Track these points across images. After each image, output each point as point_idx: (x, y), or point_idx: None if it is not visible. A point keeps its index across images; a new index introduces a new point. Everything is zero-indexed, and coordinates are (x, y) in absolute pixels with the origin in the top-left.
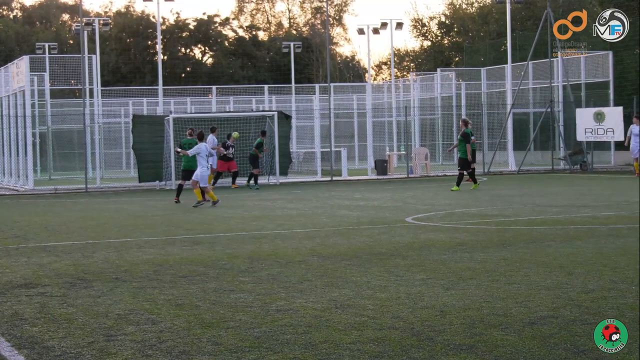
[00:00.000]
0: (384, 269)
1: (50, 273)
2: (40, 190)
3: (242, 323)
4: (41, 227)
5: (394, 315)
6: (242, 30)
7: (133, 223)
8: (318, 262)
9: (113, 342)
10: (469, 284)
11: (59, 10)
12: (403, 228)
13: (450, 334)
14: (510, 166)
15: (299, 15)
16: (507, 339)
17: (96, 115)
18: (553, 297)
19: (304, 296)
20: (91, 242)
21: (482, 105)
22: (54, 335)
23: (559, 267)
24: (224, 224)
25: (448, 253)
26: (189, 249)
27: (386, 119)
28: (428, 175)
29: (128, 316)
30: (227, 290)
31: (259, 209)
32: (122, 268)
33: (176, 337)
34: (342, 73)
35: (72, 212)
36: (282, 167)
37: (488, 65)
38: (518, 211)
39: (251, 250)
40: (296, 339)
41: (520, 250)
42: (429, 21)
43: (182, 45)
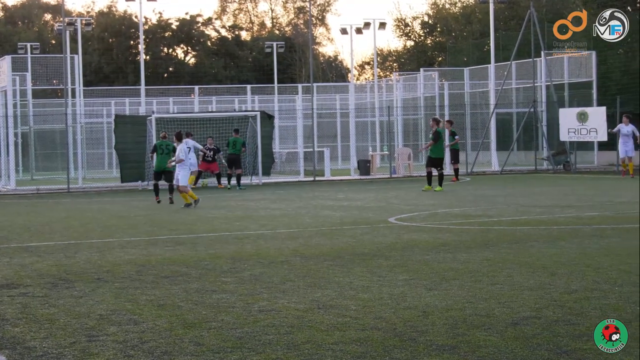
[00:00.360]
0: (367, 270)
1: (32, 273)
2: (22, 191)
3: (224, 323)
4: (23, 228)
5: (377, 316)
6: (224, 30)
7: (115, 223)
8: (301, 262)
9: (95, 342)
10: (452, 284)
11: (41, 10)
12: (386, 228)
13: (433, 335)
14: (494, 166)
15: (281, 15)
16: (490, 339)
17: (78, 115)
18: (536, 297)
19: (287, 296)
20: (73, 242)
21: (465, 105)
22: (36, 336)
23: (542, 268)
24: (207, 224)
25: (431, 253)
26: (172, 249)
27: (369, 119)
28: (411, 175)
29: (110, 316)
30: (210, 290)
31: (242, 209)
32: (104, 268)
33: (158, 338)
34: (325, 73)
35: (54, 213)
36: (265, 167)
37: (471, 65)
38: (501, 211)
39: (234, 250)
40: (279, 340)
41: (503, 250)
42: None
43: (165, 45)
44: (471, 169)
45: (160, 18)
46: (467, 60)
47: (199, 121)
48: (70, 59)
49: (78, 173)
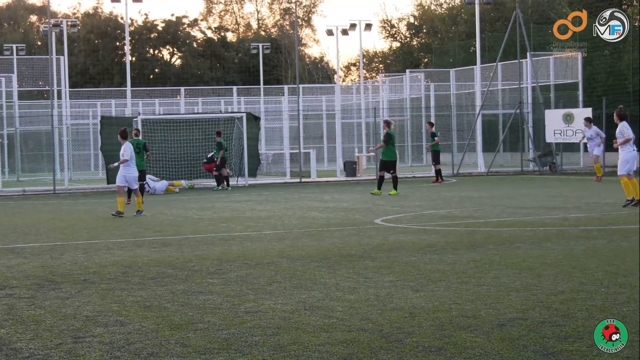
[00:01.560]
0: (353, 271)
1: (18, 275)
2: (8, 192)
3: (210, 325)
4: (9, 229)
5: (363, 317)
6: (210, 31)
7: (102, 225)
8: (287, 263)
9: (81, 343)
10: (438, 285)
11: (26, 12)
12: (372, 230)
13: (420, 336)
14: (480, 168)
15: (267, 17)
16: (476, 340)
17: (64, 117)
18: (522, 298)
19: (273, 298)
20: (60, 243)
21: (451, 107)
22: (22, 337)
23: (528, 269)
24: (193, 226)
25: (417, 255)
26: (158, 250)
27: (355, 120)
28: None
29: (96, 318)
30: (196, 291)
31: (228, 210)
32: (90, 270)
33: (144, 339)
34: (311, 74)
35: (40, 214)
36: (251, 168)
37: (457, 66)
38: (487, 213)
39: (220, 251)
40: (265, 341)
41: (489, 252)
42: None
43: (151, 46)
44: (457, 170)
45: (146, 19)
46: (453, 61)
47: (185, 122)
48: (56, 60)
49: (64, 174)
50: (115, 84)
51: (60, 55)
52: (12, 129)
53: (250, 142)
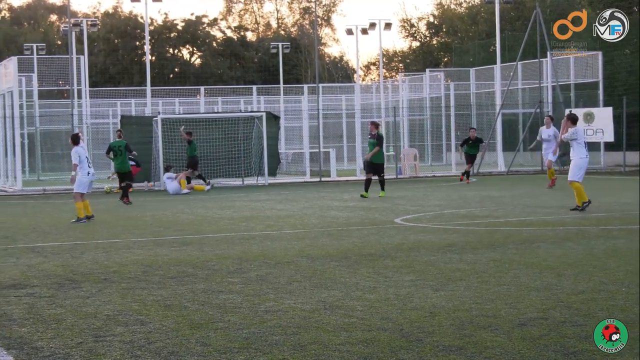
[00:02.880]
0: (373, 270)
1: (39, 274)
2: (28, 191)
3: (231, 324)
4: (30, 228)
5: (383, 317)
6: (230, 30)
7: (122, 224)
8: (307, 263)
9: (102, 342)
10: (459, 285)
11: (47, 11)
12: (392, 229)
13: (440, 335)
14: (500, 167)
15: (287, 16)
16: (497, 340)
17: (84, 116)
18: (543, 298)
19: (293, 297)
20: (80, 242)
21: (471, 106)
22: (43, 336)
23: (549, 269)
24: (213, 225)
25: (437, 254)
26: (178, 249)
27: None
28: (417, 176)
29: (117, 317)
30: (216, 291)
31: (248, 209)
32: (110, 269)
33: (165, 338)
34: (330, 73)
35: (61, 213)
36: (271, 168)
37: (477, 65)
38: (508, 212)
39: (240, 251)
40: (285, 340)
41: (510, 251)
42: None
43: (170, 45)
44: (477, 169)
45: (166, 19)
46: (473, 60)
47: (205, 122)
48: (76, 60)
49: None
50: (135, 83)
51: (80, 54)
52: (33, 128)
53: (270, 142)
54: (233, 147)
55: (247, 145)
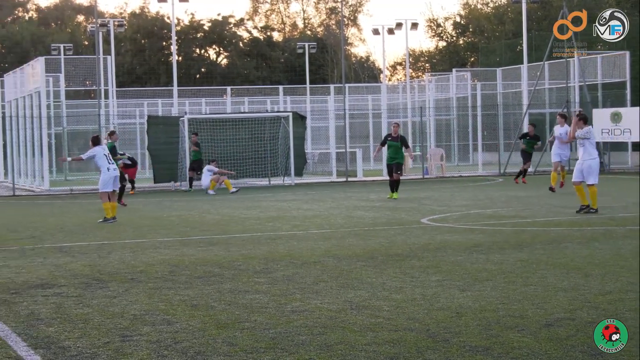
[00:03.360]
0: (400, 270)
1: (66, 273)
2: (56, 191)
3: (257, 324)
4: (57, 228)
5: (410, 317)
6: (256, 31)
7: (148, 224)
8: (333, 263)
9: (129, 342)
10: (485, 285)
11: (74, 12)
12: (419, 229)
13: (466, 336)
14: None
15: (313, 16)
16: (524, 340)
17: (111, 116)
18: (570, 298)
19: (320, 297)
20: (107, 242)
21: (498, 106)
22: (70, 336)
23: (576, 269)
24: (239, 225)
25: (464, 254)
26: (205, 249)
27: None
28: (443, 176)
29: (144, 317)
30: (243, 291)
31: (274, 209)
32: (137, 269)
33: (191, 338)
34: (357, 73)
35: (87, 213)
36: (298, 168)
37: (504, 65)
38: (534, 212)
39: (267, 251)
40: (312, 340)
41: (536, 251)
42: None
43: (197, 46)
44: (504, 169)
45: (193, 19)
46: (500, 60)
47: (232, 122)
48: (103, 60)
49: None
50: (162, 83)
51: (107, 54)
52: (60, 128)
53: (297, 142)
54: (259, 147)
55: (274, 145)
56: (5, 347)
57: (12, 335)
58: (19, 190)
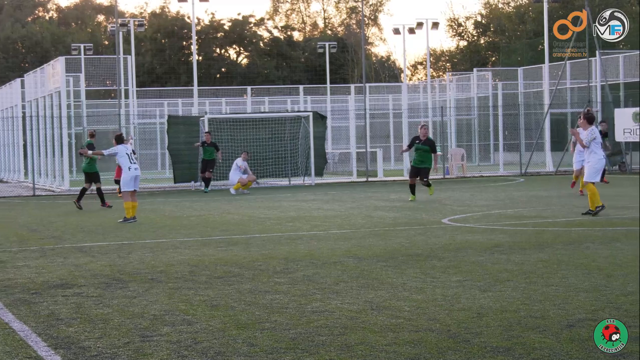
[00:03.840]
0: (420, 271)
1: (86, 273)
2: (76, 191)
3: (277, 324)
4: (77, 228)
5: (430, 317)
6: (277, 30)
7: (169, 223)
8: (354, 263)
9: (149, 342)
10: (506, 285)
11: (94, 11)
12: (439, 229)
13: (487, 337)
14: (548, 167)
15: (334, 16)
16: (545, 341)
17: (131, 116)
18: (591, 299)
19: (340, 297)
20: (127, 242)
21: (519, 106)
22: (90, 336)
23: (598, 269)
24: (259, 225)
25: (485, 254)
26: (225, 249)
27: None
28: (464, 176)
29: (164, 317)
30: (263, 291)
31: (294, 209)
32: (157, 269)
33: (212, 338)
34: (377, 73)
35: (108, 213)
36: (318, 167)
37: (525, 65)
38: (556, 212)
39: (287, 251)
40: (332, 341)
41: (558, 251)
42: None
43: (217, 45)
44: (525, 169)
45: (213, 19)
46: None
47: (252, 122)
48: (123, 60)
49: None
50: (182, 83)
51: (127, 54)
52: (80, 128)
53: (317, 141)
54: (280, 147)
55: (294, 145)
56: (25, 347)
57: (32, 335)
58: (39, 190)
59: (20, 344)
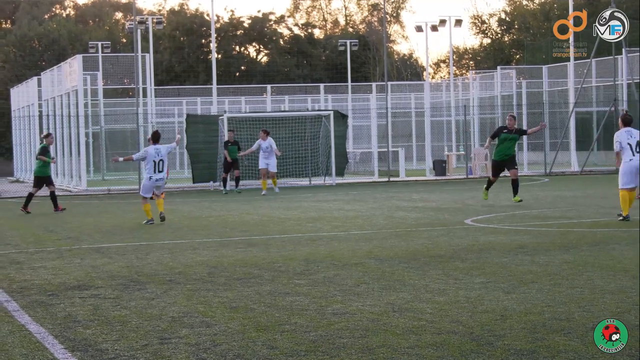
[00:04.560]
0: (443, 272)
1: (103, 275)
2: (93, 191)
3: (297, 326)
4: (94, 229)
5: (453, 320)
6: (297, 28)
7: (187, 224)
8: (375, 264)
9: (167, 345)
10: (530, 287)
11: (112, 9)
12: (462, 230)
13: (511, 339)
14: (573, 166)
15: (355, 13)
16: (570, 344)
17: (149, 115)
18: (617, 301)
19: (361, 299)
20: (145, 243)
21: (544, 104)
22: (108, 338)
23: (624, 271)
24: (279, 226)
25: (509, 256)
26: (244, 250)
27: (445, 118)
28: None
29: (182, 319)
30: (283, 293)
31: (315, 210)
32: (176, 270)
33: (231, 341)
34: (399, 71)
35: (125, 213)
36: (339, 167)
37: (550, 63)
38: (581, 213)
39: (307, 252)
40: (353, 343)
41: (583, 253)
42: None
43: (237, 43)
44: (550, 169)
45: (232, 16)
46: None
47: (272, 121)
48: (141, 58)
49: None
50: (201, 81)
51: (146, 52)
52: (98, 127)
53: (338, 141)
54: (300, 147)
55: (315, 144)
56: (42, 350)
57: (49, 337)
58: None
59: (37, 346)
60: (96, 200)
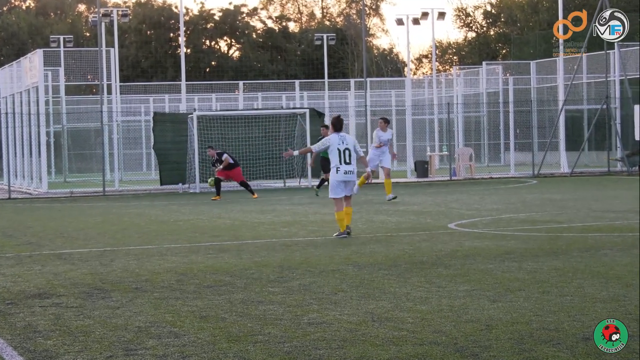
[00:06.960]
0: (425, 279)
1: (65, 282)
2: (55, 194)
3: (271, 337)
4: (56, 233)
5: (436, 330)
6: (271, 21)
7: (155, 229)
8: (353, 271)
9: (133, 356)
10: (518, 295)
11: (74, 1)
12: (446, 235)
13: (497, 350)
14: (563, 168)
15: (332, 5)
16: (559, 355)
17: (114, 113)
18: (609, 310)
19: (338, 308)
20: (110, 249)
21: (532, 102)
22: (70, 349)
23: (616, 278)
24: (252, 230)
25: (495, 262)
26: (215, 256)
27: (427, 116)
28: (472, 177)
29: (149, 329)
30: (256, 301)
31: (290, 213)
32: (142, 277)
33: (201, 352)
34: (379, 67)
35: (89, 217)
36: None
37: (538, 58)
38: (571, 217)
39: (281, 258)
40: (330, 354)
41: (573, 259)
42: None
43: (207, 37)
44: (538, 170)
45: (202, 8)
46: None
47: (244, 119)
48: (105, 53)
49: (114, 175)
50: (169, 77)
51: (110, 47)
52: (59, 126)
53: (314, 140)
54: (274, 147)
55: (289, 144)
56: None
57: (7, 348)
58: (15, 193)
59: None
60: (58, 203)
